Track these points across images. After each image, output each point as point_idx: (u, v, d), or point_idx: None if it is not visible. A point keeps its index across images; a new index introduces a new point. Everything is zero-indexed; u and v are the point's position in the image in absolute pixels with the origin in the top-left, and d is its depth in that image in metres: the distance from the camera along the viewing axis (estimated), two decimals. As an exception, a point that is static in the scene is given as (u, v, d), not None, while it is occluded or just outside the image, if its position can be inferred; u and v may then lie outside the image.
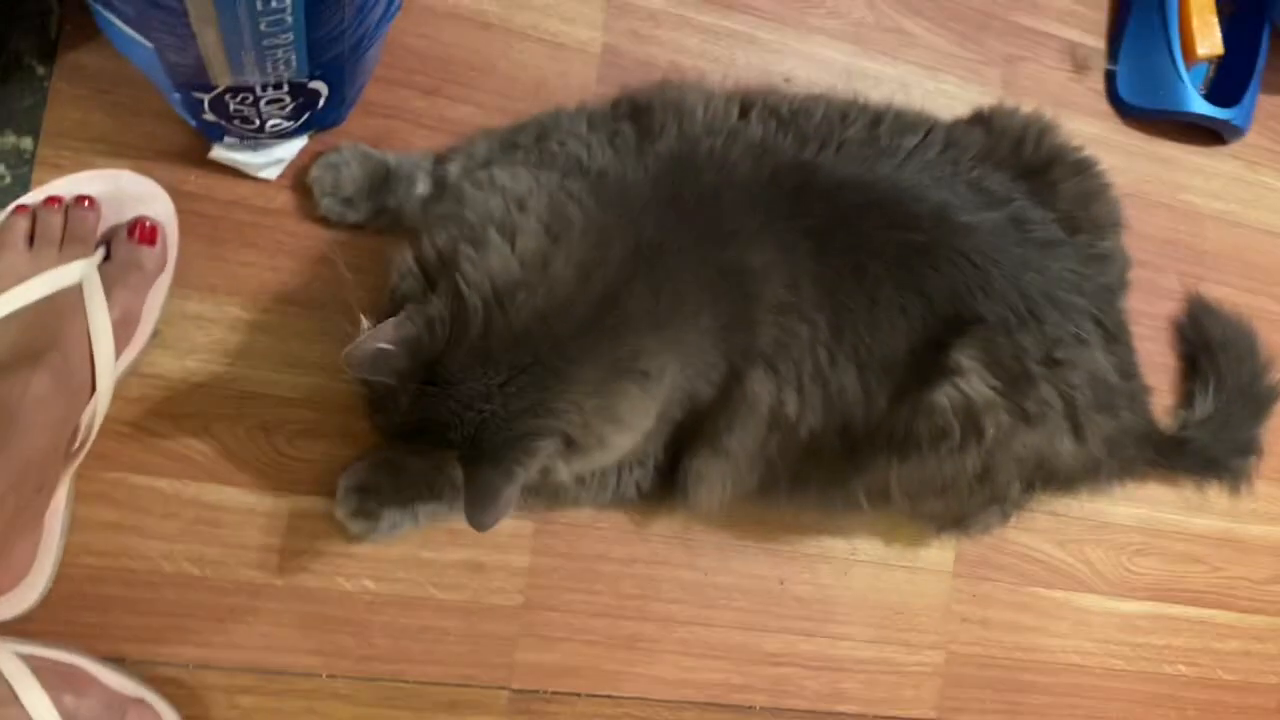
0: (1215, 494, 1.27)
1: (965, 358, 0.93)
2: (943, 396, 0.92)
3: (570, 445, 0.82)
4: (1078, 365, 0.98)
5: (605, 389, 0.82)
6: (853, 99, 1.05)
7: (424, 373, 0.79)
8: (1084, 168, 1.07)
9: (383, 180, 0.97)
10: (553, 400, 0.80)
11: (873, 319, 0.92)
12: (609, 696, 1.07)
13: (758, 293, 0.89)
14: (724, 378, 0.90)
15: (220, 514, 0.96)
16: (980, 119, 1.10)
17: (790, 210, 0.91)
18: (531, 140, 0.97)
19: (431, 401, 0.80)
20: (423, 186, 0.98)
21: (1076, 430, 1.00)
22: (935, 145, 1.00)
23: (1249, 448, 1.23)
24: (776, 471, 0.98)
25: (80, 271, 0.89)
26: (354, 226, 1.00)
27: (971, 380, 0.93)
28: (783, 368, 0.92)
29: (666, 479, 0.99)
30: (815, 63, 1.19)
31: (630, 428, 0.86)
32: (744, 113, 0.97)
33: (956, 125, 1.07)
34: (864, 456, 0.96)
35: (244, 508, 0.97)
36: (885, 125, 1.00)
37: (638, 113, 0.96)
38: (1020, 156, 1.04)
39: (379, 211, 0.98)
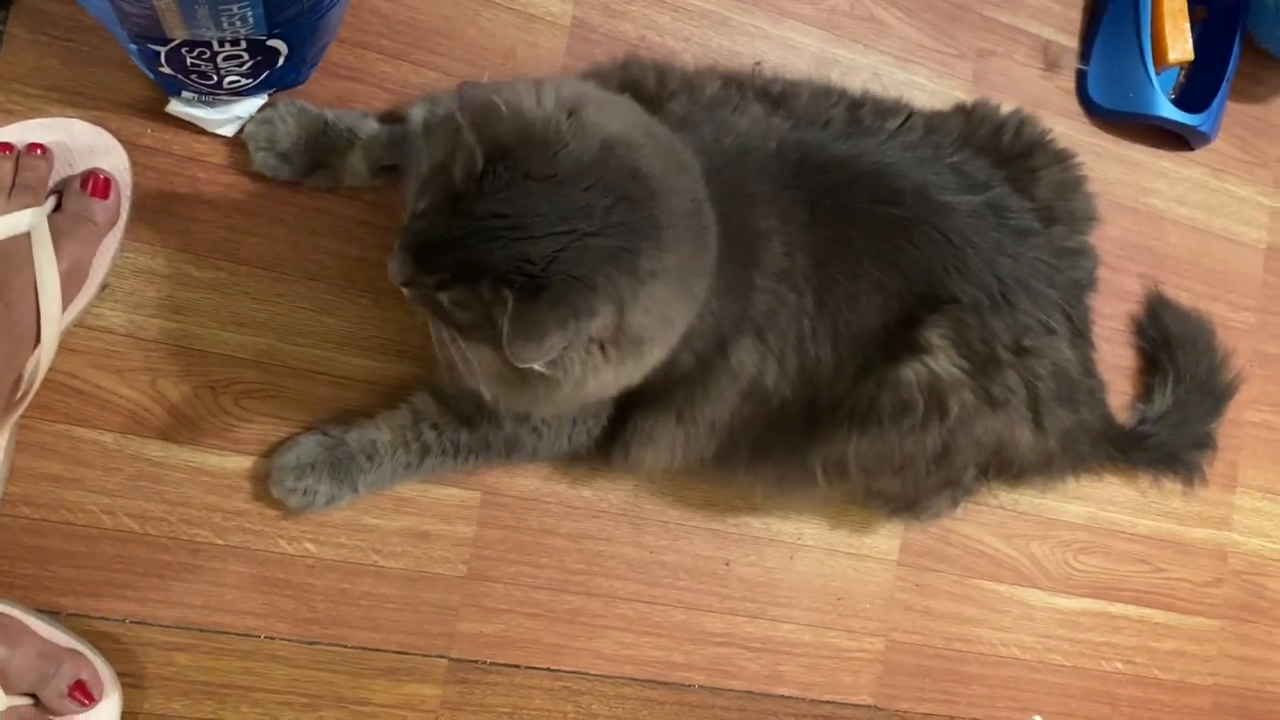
0: (1169, 489, 1.29)
1: (936, 335, 0.93)
2: (909, 371, 0.93)
3: (618, 332, 0.75)
4: (1045, 355, 0.99)
5: (681, 281, 0.78)
6: (831, 85, 1.05)
7: (518, 156, 0.71)
8: (1064, 158, 1.08)
9: (320, 134, 0.96)
10: (642, 260, 0.73)
11: (853, 291, 0.93)
12: (548, 670, 1.07)
13: (760, 258, 0.89)
14: (710, 348, 0.90)
15: (163, 470, 0.96)
16: (961, 109, 1.11)
17: (791, 182, 0.92)
18: None
19: (521, 194, 0.71)
20: (359, 154, 0.97)
21: (1037, 420, 1.00)
22: (917, 129, 1.01)
23: (1205, 442, 1.25)
24: (737, 442, 0.98)
25: (29, 221, 0.88)
26: (291, 184, 0.99)
27: (940, 358, 0.93)
28: (771, 337, 0.92)
29: (615, 432, 0.98)
30: (787, 48, 1.19)
31: (662, 342, 0.80)
32: (740, 90, 0.98)
33: (937, 113, 1.08)
34: (825, 429, 0.96)
35: (187, 465, 0.96)
36: (867, 108, 1.01)
37: (631, 85, 0.95)
38: (1000, 143, 1.05)
39: (315, 167, 0.97)
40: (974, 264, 0.95)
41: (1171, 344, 1.27)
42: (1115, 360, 1.29)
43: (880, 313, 0.94)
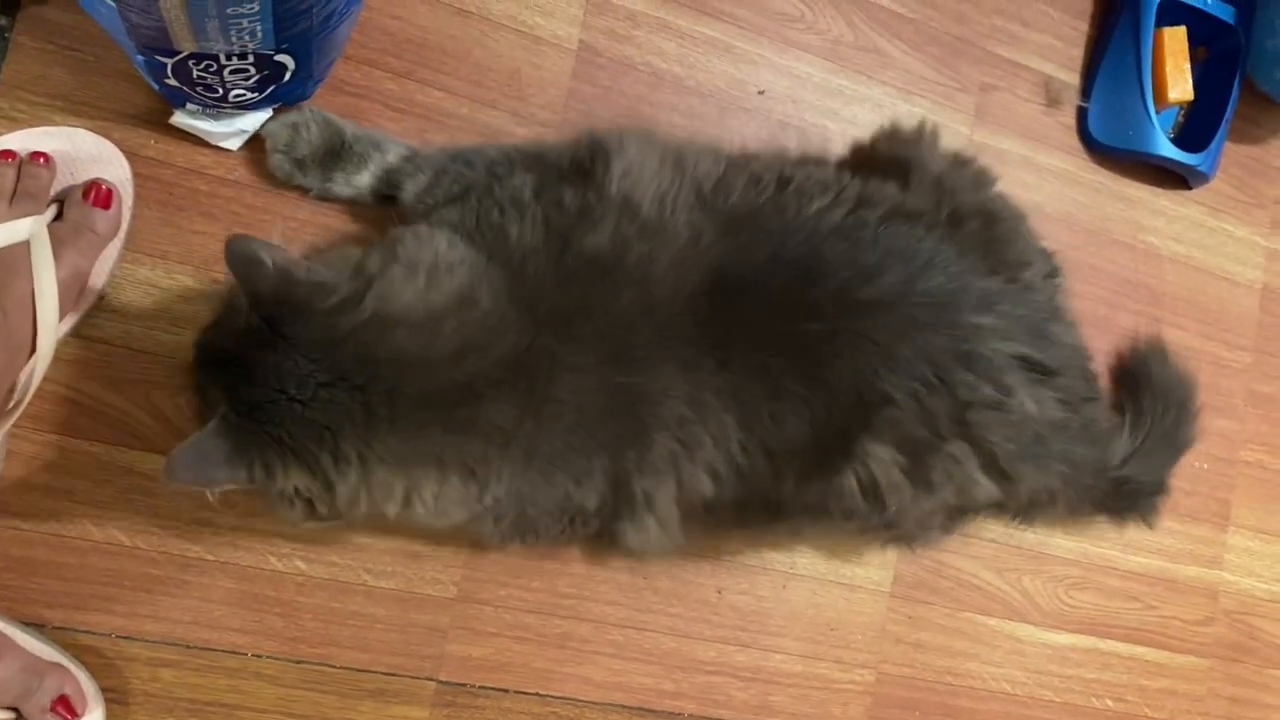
0: (1135, 530, 1.28)
1: (874, 445, 0.92)
2: (851, 480, 0.93)
3: (329, 496, 0.80)
4: (991, 424, 0.95)
5: (408, 471, 0.81)
6: (765, 163, 1.01)
7: (273, 313, 0.77)
8: (993, 214, 1.04)
9: (337, 150, 0.97)
10: (345, 440, 0.78)
11: (776, 411, 0.91)
12: (537, 694, 1.06)
13: (655, 413, 0.88)
14: (608, 484, 0.90)
15: (154, 484, 0.95)
16: (895, 164, 1.05)
17: (699, 332, 0.89)
18: (484, 186, 0.94)
19: (258, 343, 0.77)
20: (366, 178, 0.98)
21: (1001, 476, 0.98)
22: (846, 203, 0.97)
23: (1159, 488, 1.23)
24: (706, 525, 0.99)
25: (29, 229, 0.87)
26: (296, 192, 1.00)
27: (882, 464, 0.93)
28: (682, 470, 0.91)
29: (605, 537, 0.98)
30: (791, 77, 1.19)
31: (436, 512, 0.84)
32: (674, 206, 0.93)
33: (871, 178, 1.02)
34: (782, 512, 0.98)
35: (180, 479, 0.96)
36: (791, 189, 0.96)
37: (587, 176, 0.92)
38: (938, 214, 1.01)
39: (326, 183, 0.98)
40: (904, 356, 0.92)
41: (1141, 387, 1.25)
42: (1110, 396, 1.29)
43: (810, 425, 0.92)
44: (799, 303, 0.91)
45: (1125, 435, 1.21)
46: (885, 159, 1.07)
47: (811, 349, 0.91)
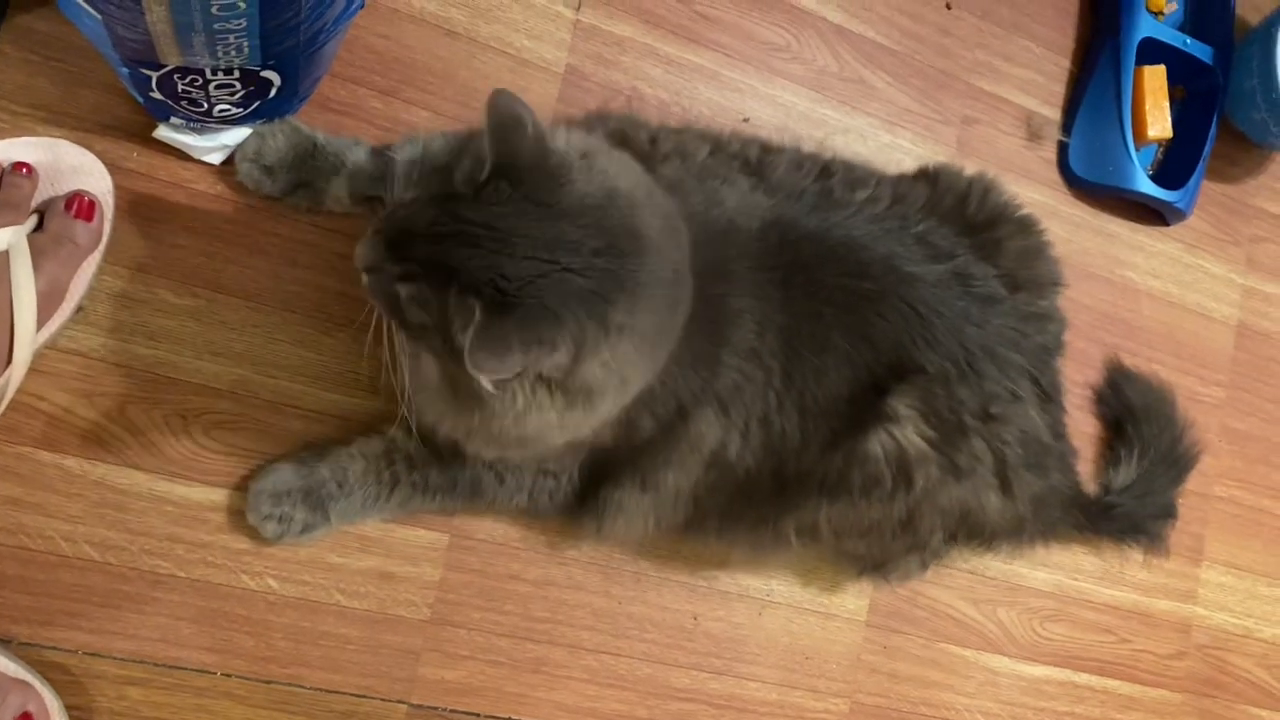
0: (1133, 558, 1.30)
1: (903, 405, 0.94)
2: (877, 445, 0.93)
3: (570, 376, 0.75)
4: (1011, 422, 0.99)
5: (645, 343, 0.78)
6: (802, 151, 1.06)
7: (530, 179, 0.72)
8: (1027, 226, 1.09)
9: (308, 155, 0.97)
10: (614, 311, 0.74)
11: (821, 365, 0.93)
12: (509, 719, 1.05)
13: (730, 336, 0.90)
14: (670, 414, 0.90)
15: (127, 499, 0.94)
16: (925, 175, 1.11)
17: (769, 262, 0.92)
18: None
19: (516, 213, 0.72)
20: (343, 181, 0.98)
21: (1005, 486, 1.01)
22: (884, 199, 1.02)
23: (1168, 512, 1.26)
24: (705, 510, 0.98)
25: (9, 239, 0.87)
26: (271, 203, 0.99)
27: (907, 429, 0.94)
28: (734, 411, 0.92)
29: (585, 503, 0.98)
30: (776, 106, 1.20)
31: (613, 399, 0.80)
32: (726, 158, 0.98)
33: (902, 180, 1.08)
34: (796, 496, 0.97)
35: (152, 495, 0.95)
36: (837, 178, 1.02)
37: (622, 140, 0.95)
38: (964, 213, 1.05)
39: (298, 186, 0.97)
40: (940, 334, 0.96)
41: (1135, 416, 1.27)
42: (1088, 428, 1.29)
43: (848, 384, 0.94)
44: (850, 261, 0.95)
45: (1134, 465, 1.24)
46: (918, 173, 1.11)
47: (860, 305, 0.95)
